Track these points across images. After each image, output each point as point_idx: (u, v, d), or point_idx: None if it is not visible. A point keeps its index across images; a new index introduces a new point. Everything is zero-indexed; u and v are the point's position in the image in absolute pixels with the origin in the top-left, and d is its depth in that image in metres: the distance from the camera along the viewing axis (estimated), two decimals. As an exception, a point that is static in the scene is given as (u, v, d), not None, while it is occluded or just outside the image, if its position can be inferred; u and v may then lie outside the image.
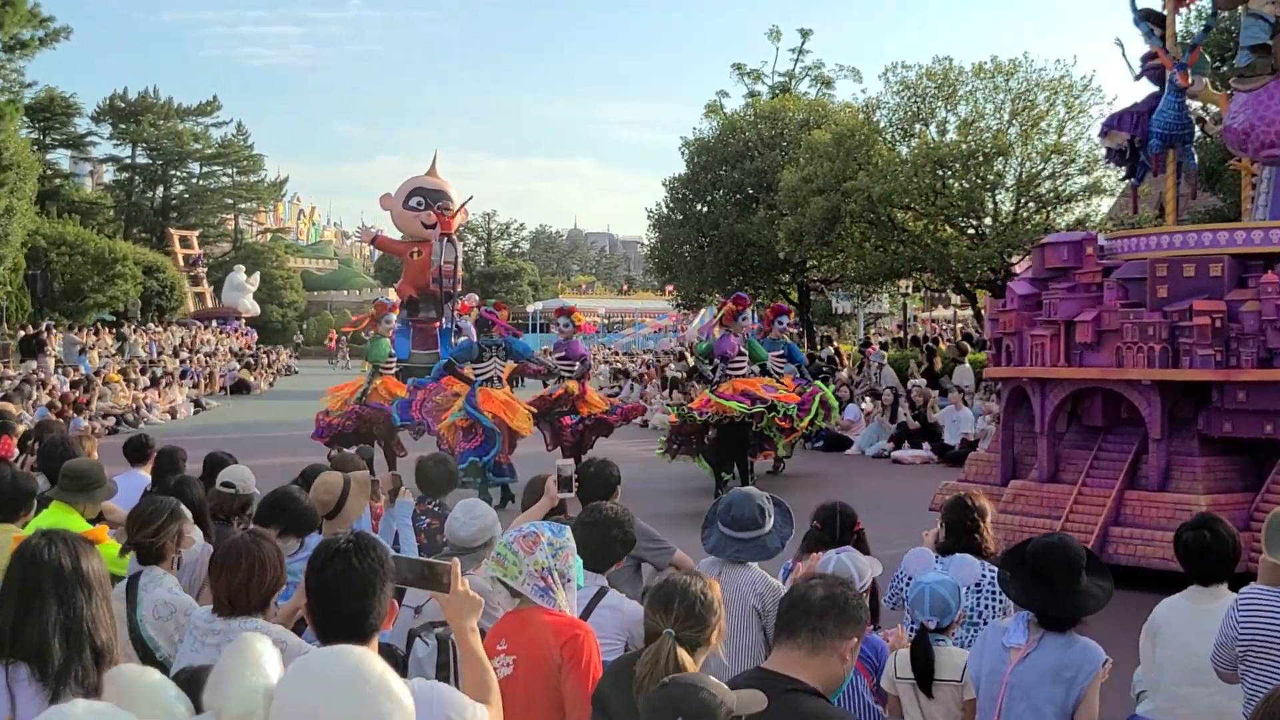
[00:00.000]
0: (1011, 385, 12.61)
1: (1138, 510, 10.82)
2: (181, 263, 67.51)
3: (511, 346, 16.54)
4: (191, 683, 2.60)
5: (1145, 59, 12.86)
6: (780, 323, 18.40)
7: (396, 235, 43.79)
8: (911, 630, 5.45)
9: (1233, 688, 4.97)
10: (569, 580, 4.56)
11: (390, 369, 18.28)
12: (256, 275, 70.31)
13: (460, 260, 40.99)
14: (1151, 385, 10.86)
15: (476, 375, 16.13)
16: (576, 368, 17.54)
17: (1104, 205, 28.79)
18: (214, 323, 60.68)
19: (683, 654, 3.76)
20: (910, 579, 5.73)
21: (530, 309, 70.93)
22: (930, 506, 12.08)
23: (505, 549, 4.51)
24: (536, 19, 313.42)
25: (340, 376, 17.64)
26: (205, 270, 71.08)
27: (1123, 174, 12.92)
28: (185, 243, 69.73)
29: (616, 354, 52.29)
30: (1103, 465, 11.46)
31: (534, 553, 4.46)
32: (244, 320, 64.79)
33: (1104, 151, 13.65)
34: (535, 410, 16.61)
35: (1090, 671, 4.73)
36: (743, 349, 16.46)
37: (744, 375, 16.33)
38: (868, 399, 24.27)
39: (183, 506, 5.63)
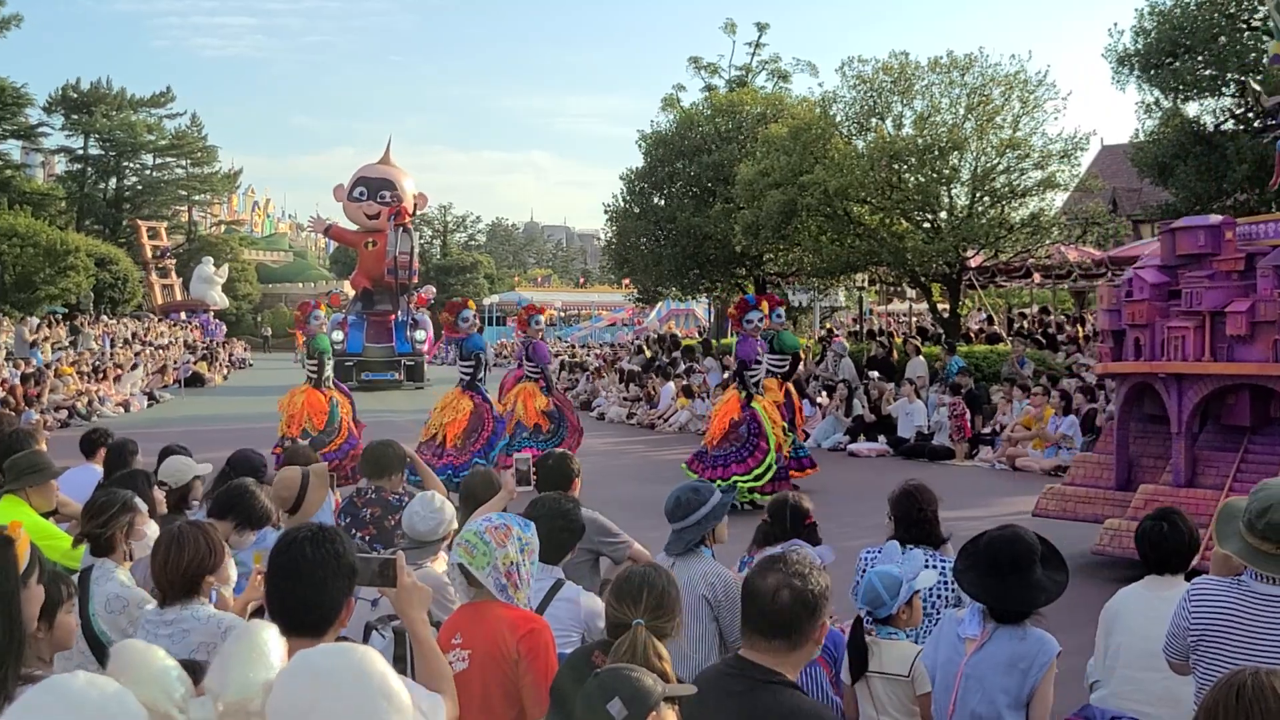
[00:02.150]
0: (1131, 381, 11.65)
1: (1300, 518, 10.06)
2: (149, 254, 66.89)
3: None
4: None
5: None
6: (749, 320, 15.53)
7: (351, 227, 43.57)
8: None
9: (1185, 673, 5.01)
10: (528, 579, 4.56)
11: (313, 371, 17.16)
12: (225, 268, 69.80)
13: (416, 251, 40.66)
14: None
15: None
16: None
17: (1058, 200, 29.01)
18: (182, 315, 60.19)
19: (656, 643, 3.75)
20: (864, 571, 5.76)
21: (487, 302, 70.73)
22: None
23: (476, 537, 4.45)
24: (494, 12, 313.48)
25: (300, 373, 17.16)
26: (174, 262, 70.49)
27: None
28: (153, 234, 69.05)
29: (572, 347, 52.35)
30: (1252, 468, 10.39)
31: (505, 545, 4.42)
32: (212, 313, 64.28)
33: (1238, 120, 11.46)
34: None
35: (1044, 663, 4.74)
36: (759, 354, 15.53)
37: (757, 380, 15.51)
38: (824, 393, 24.35)
39: (137, 499, 5.60)
